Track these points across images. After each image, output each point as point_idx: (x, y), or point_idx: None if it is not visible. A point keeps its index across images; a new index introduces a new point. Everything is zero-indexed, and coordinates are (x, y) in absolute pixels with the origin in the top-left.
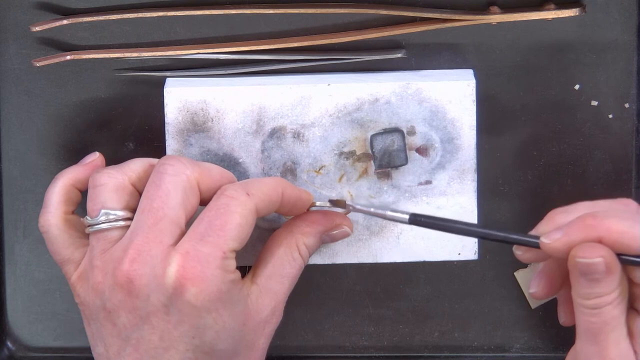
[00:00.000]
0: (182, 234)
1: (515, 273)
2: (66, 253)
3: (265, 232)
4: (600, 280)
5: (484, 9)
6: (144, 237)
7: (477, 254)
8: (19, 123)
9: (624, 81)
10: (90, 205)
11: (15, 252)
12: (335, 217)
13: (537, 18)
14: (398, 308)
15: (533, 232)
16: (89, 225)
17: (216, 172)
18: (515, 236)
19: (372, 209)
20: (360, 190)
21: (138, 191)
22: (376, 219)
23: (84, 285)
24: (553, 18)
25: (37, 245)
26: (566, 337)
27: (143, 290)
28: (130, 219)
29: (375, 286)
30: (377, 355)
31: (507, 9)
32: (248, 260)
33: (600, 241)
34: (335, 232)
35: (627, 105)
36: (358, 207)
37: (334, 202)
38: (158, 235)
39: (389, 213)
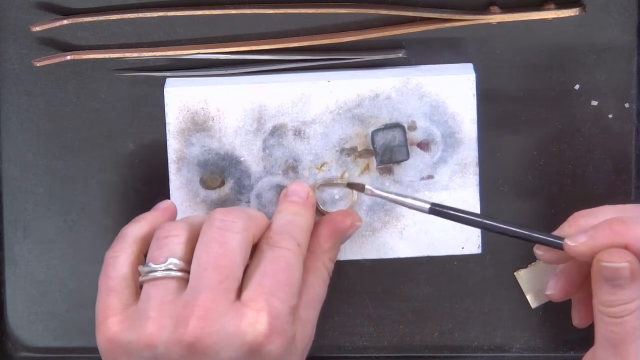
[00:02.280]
0: (240, 285)
1: (515, 273)
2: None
3: None
4: (624, 286)
5: (484, 9)
6: (210, 295)
7: (480, 248)
8: (19, 123)
9: (624, 81)
10: (157, 252)
11: (15, 252)
12: (346, 219)
13: (537, 18)
14: (398, 308)
15: (556, 233)
16: (150, 271)
17: (263, 221)
18: (538, 235)
19: (391, 195)
20: None
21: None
22: (379, 215)
23: (126, 332)
24: (553, 18)
25: (37, 245)
26: (566, 337)
27: (212, 347)
28: (188, 271)
29: (375, 286)
30: (377, 355)
31: (507, 9)
32: None
33: (626, 248)
34: (349, 231)
35: (627, 105)
36: (377, 192)
37: (352, 185)
38: (224, 293)
39: (409, 201)
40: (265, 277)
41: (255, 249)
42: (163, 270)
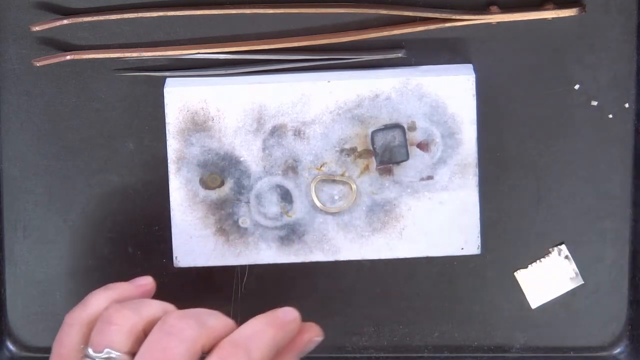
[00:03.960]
0: None
1: (515, 273)
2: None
3: (268, 230)
4: None
5: (484, 9)
6: None
7: (479, 249)
8: (19, 123)
9: (624, 81)
10: (97, 338)
11: (15, 252)
12: (303, 335)
13: (537, 18)
14: (398, 308)
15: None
16: (86, 357)
17: (220, 331)
18: None
19: None
20: (362, 186)
21: (145, 335)
22: (379, 215)
23: None
24: (553, 18)
25: (37, 245)
26: (566, 337)
27: None
28: None
29: (375, 286)
30: (377, 355)
31: (507, 8)
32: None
33: None
34: (307, 347)
35: (627, 105)
36: None
37: None
38: None
39: None
40: None
41: None
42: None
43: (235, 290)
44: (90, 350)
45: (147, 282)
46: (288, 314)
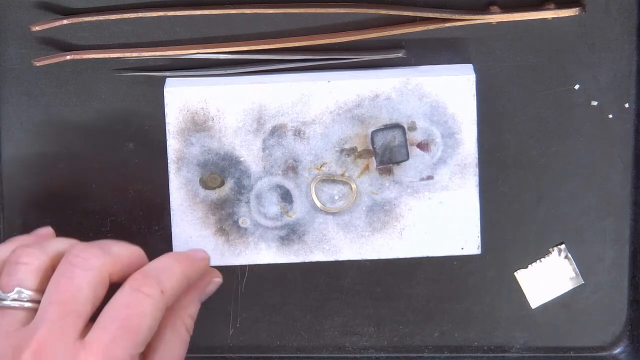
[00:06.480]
0: (87, 325)
1: (515, 273)
2: None
3: (268, 230)
4: None
5: (484, 9)
6: (48, 330)
7: (479, 249)
8: (19, 123)
9: (624, 81)
10: (5, 280)
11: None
12: (205, 275)
13: (537, 18)
14: (398, 308)
15: None
16: None
17: (126, 259)
18: None
19: None
20: (362, 186)
21: (53, 271)
22: (379, 215)
23: None
24: (553, 18)
25: None
26: (566, 337)
27: None
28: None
29: (375, 286)
30: (377, 355)
31: (507, 8)
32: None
33: None
34: (209, 288)
35: (627, 105)
36: None
37: None
38: (64, 330)
39: None
40: (113, 322)
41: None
42: (10, 300)
43: (235, 290)
44: (0, 292)
45: (47, 231)
46: (198, 253)
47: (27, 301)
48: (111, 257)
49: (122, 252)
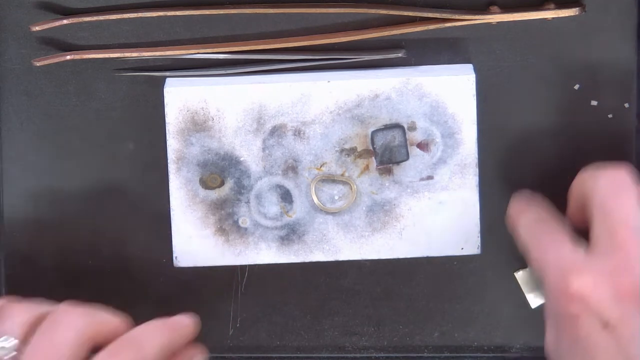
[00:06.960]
0: None
1: (515, 273)
2: None
3: (268, 230)
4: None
5: (483, 9)
6: None
7: (479, 249)
8: (19, 123)
9: (624, 81)
10: None
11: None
12: (190, 349)
13: (537, 18)
14: (398, 308)
15: None
16: None
17: (111, 325)
18: None
19: None
20: (362, 186)
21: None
22: (379, 215)
23: None
24: (553, 18)
25: (36, 245)
26: None
27: None
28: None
29: (375, 286)
30: (377, 355)
31: (507, 8)
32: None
33: None
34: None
35: (627, 105)
36: None
37: None
38: None
39: None
40: None
41: None
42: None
43: (235, 290)
44: None
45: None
46: (184, 320)
47: (10, 352)
48: (95, 321)
49: (108, 317)
